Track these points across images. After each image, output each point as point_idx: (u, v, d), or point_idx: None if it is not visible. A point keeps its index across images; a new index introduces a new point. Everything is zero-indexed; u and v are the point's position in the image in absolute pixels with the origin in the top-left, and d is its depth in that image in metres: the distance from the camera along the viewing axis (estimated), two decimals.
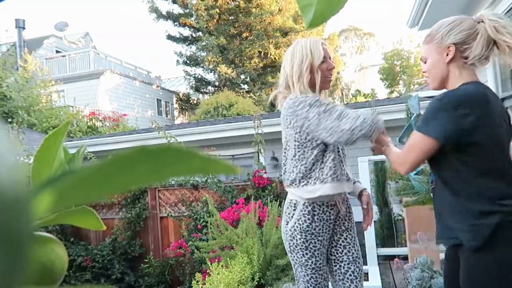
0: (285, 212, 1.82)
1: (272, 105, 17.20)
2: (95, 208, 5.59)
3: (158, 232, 5.56)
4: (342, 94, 30.59)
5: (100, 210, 5.79)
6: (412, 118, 2.21)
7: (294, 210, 1.78)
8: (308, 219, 1.75)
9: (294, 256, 1.80)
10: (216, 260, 3.63)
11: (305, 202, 1.76)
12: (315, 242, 1.76)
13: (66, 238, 5.64)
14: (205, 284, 3.17)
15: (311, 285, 1.78)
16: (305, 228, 1.75)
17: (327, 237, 1.81)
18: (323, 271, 1.80)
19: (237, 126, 6.64)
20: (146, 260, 5.31)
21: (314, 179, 1.73)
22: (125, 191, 5.13)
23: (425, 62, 1.56)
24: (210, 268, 3.31)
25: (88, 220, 0.44)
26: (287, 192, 1.87)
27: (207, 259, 3.72)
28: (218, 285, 2.98)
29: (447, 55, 1.48)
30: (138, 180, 0.21)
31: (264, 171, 5.02)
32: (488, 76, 4.17)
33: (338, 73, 23.31)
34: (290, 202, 1.81)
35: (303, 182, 1.75)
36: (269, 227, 3.73)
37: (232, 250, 3.69)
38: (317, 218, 1.75)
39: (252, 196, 4.71)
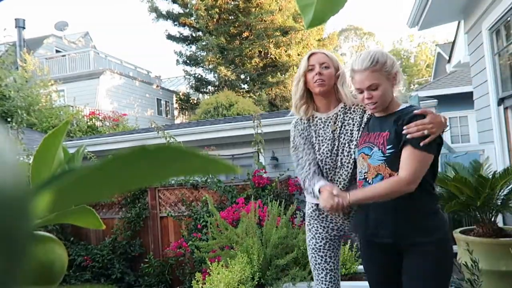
0: None
1: (272, 105, 17.20)
2: (95, 207, 5.57)
3: (158, 231, 5.56)
4: None
5: (100, 210, 5.79)
6: None
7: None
8: (312, 206, 2.00)
9: (306, 239, 2.06)
10: (216, 260, 3.63)
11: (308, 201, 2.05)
12: (317, 226, 1.98)
13: (66, 237, 5.64)
14: (205, 283, 3.17)
15: (312, 264, 2.01)
16: (310, 214, 2.02)
17: (334, 227, 1.97)
18: (323, 253, 1.97)
19: (237, 126, 6.64)
20: (146, 260, 5.31)
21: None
22: (125, 191, 5.14)
23: (374, 89, 1.67)
24: (210, 267, 3.31)
25: (88, 219, 0.44)
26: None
27: (207, 258, 3.72)
28: (218, 285, 2.98)
29: (393, 81, 1.70)
30: (138, 180, 0.21)
31: (264, 170, 5.02)
32: (488, 76, 4.17)
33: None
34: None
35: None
36: (269, 227, 3.73)
37: (232, 250, 3.69)
38: (322, 207, 1.93)
39: (252, 196, 4.70)
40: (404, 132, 1.60)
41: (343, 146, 1.86)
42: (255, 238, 3.53)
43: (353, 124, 1.87)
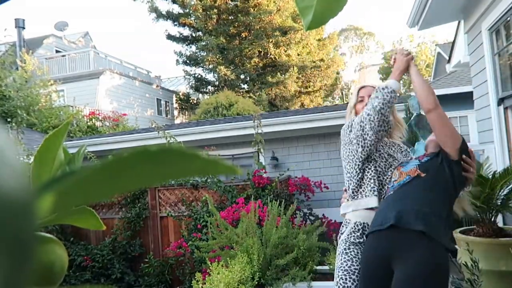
0: (340, 229, 2.03)
1: (272, 105, 17.19)
2: (95, 208, 5.59)
3: (158, 231, 5.56)
4: (342, 93, 30.59)
5: (100, 210, 5.79)
6: (412, 118, 2.22)
7: (346, 227, 1.95)
8: (359, 236, 1.89)
9: (336, 263, 1.93)
10: (216, 259, 3.63)
11: (356, 221, 1.92)
12: (357, 251, 1.88)
13: (66, 238, 5.64)
14: (205, 283, 3.17)
15: (339, 286, 1.86)
16: (352, 241, 1.89)
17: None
18: (356, 277, 1.85)
19: (237, 126, 6.64)
20: (146, 260, 5.31)
21: (360, 194, 1.96)
22: (126, 192, 5.14)
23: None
24: (210, 267, 3.31)
25: (88, 220, 0.44)
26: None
27: (207, 258, 3.72)
28: (218, 285, 2.98)
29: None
30: (139, 181, 0.21)
31: (264, 170, 5.02)
32: (488, 76, 4.17)
33: (337, 73, 23.33)
34: (344, 221, 1.99)
35: (354, 196, 1.96)
36: (269, 227, 3.73)
37: (232, 249, 3.69)
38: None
39: (252, 196, 4.70)
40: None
41: (397, 159, 1.99)
42: (255, 238, 3.53)
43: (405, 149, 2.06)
